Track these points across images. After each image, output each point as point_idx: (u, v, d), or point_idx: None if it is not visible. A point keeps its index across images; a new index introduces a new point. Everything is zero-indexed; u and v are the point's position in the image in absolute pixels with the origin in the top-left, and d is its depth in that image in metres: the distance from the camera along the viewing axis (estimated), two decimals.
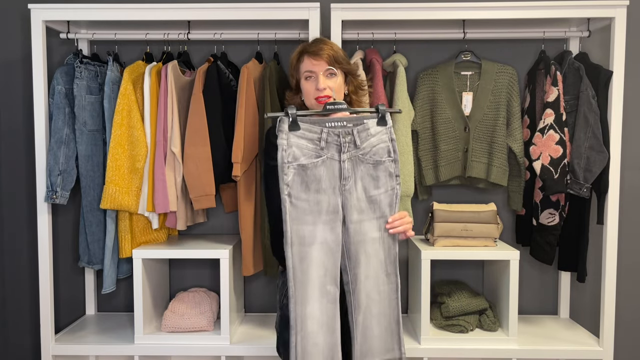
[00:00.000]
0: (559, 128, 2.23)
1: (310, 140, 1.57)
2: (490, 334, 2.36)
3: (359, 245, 1.62)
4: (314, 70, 1.75)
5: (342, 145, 1.58)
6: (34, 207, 2.53)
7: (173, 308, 2.37)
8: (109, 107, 2.32)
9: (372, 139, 1.61)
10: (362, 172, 1.61)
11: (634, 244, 2.64)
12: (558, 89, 2.24)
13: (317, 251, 1.58)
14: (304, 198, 1.57)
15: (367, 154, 1.61)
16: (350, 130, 1.59)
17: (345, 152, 1.59)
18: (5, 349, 2.76)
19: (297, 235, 1.57)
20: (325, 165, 1.58)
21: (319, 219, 1.58)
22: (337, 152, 1.58)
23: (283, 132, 1.54)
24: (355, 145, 1.60)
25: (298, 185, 1.56)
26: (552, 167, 2.23)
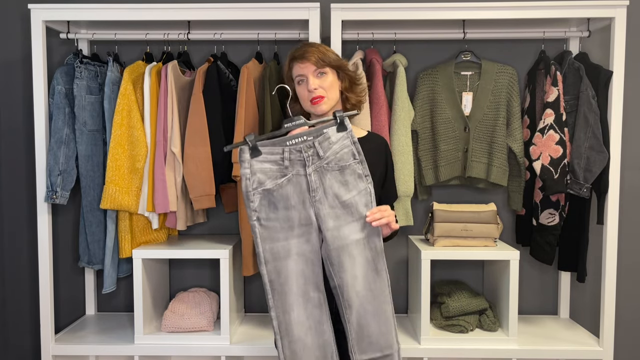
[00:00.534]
0: (559, 128, 2.23)
1: (273, 162, 1.59)
2: (490, 334, 2.36)
3: (341, 250, 1.63)
4: (303, 74, 1.79)
5: (306, 160, 1.60)
6: (34, 207, 2.53)
7: (173, 308, 2.37)
8: (109, 107, 2.32)
9: (334, 147, 1.62)
10: (329, 181, 1.62)
11: (634, 244, 2.65)
12: (558, 89, 2.24)
13: (294, 263, 1.61)
14: (273, 218, 1.60)
15: (331, 162, 1.62)
16: (312, 143, 1.60)
17: (310, 166, 1.60)
18: (5, 349, 2.76)
19: (271, 253, 1.60)
20: (292, 183, 1.60)
21: (291, 233, 1.61)
22: (302, 167, 1.60)
23: (245, 161, 1.57)
24: (319, 156, 1.61)
25: (266, 208, 1.60)
26: (552, 167, 2.23)
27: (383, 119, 2.30)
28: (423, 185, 2.53)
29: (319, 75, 1.78)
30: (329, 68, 1.80)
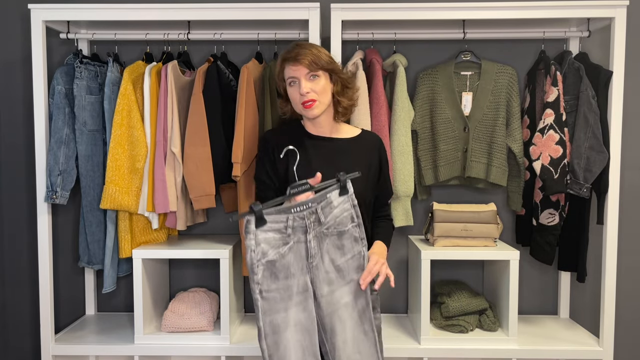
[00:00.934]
0: (559, 128, 2.23)
1: (277, 231, 1.54)
2: (490, 334, 2.36)
3: (333, 315, 1.62)
4: (295, 76, 1.74)
5: (308, 227, 1.57)
6: (34, 207, 2.53)
7: (173, 308, 2.37)
8: (109, 107, 2.32)
9: (335, 211, 1.61)
10: (327, 246, 1.61)
11: (634, 244, 2.65)
12: (558, 89, 2.24)
13: (292, 334, 1.57)
14: (273, 288, 1.56)
15: (331, 227, 1.61)
16: (315, 209, 1.57)
17: (311, 232, 1.57)
18: (6, 349, 2.76)
19: (271, 326, 1.56)
20: (293, 250, 1.56)
21: (290, 302, 1.57)
22: (303, 234, 1.57)
23: (250, 232, 1.51)
24: (320, 222, 1.58)
25: (268, 280, 1.55)
26: (552, 167, 2.23)
27: (383, 119, 2.30)
28: (423, 185, 2.53)
29: (311, 79, 1.74)
30: (322, 71, 1.75)
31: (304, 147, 1.77)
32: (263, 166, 1.82)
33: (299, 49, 1.75)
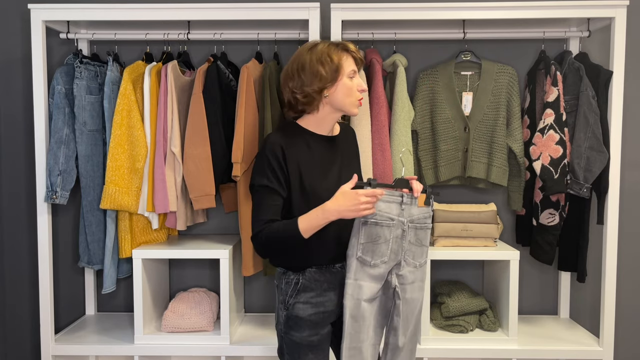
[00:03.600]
0: (559, 128, 2.23)
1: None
2: (490, 334, 2.36)
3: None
4: (355, 70, 1.73)
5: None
6: (34, 207, 2.53)
7: (173, 308, 2.37)
8: (109, 107, 2.32)
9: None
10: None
11: (634, 244, 2.64)
12: (558, 89, 2.24)
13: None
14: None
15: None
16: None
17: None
18: (5, 349, 2.76)
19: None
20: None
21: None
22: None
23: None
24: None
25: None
26: (552, 167, 2.23)
27: (383, 119, 2.30)
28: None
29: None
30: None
31: (312, 148, 1.74)
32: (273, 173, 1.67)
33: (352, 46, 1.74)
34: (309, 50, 1.70)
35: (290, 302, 1.73)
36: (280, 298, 1.77)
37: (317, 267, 1.73)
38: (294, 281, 1.73)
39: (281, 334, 1.77)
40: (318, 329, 1.73)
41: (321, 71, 1.66)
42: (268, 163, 1.67)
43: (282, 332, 1.76)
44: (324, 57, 1.67)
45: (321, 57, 1.67)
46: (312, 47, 1.70)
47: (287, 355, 1.77)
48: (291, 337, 1.73)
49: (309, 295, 1.72)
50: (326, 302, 1.74)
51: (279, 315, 1.78)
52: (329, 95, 1.70)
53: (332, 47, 1.70)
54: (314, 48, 1.70)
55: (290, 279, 1.73)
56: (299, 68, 1.69)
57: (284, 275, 1.76)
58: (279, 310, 1.78)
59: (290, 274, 1.74)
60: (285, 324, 1.75)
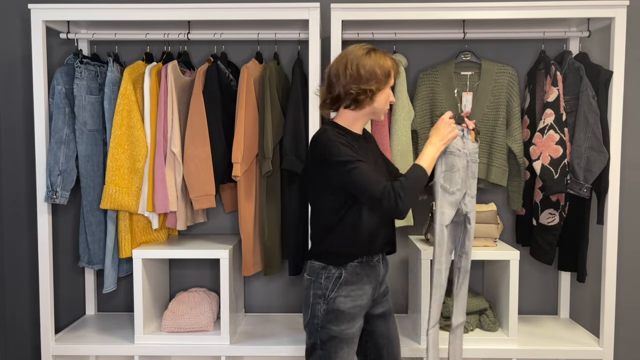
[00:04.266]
0: (559, 128, 2.23)
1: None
2: (490, 334, 2.36)
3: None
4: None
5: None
6: (34, 207, 2.53)
7: (173, 308, 2.37)
8: (109, 107, 2.32)
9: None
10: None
11: (634, 244, 2.64)
12: (558, 89, 2.24)
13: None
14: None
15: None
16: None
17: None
18: (5, 349, 2.76)
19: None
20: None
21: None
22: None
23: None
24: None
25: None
26: (552, 167, 2.23)
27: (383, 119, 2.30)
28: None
29: None
30: None
31: (357, 144, 1.81)
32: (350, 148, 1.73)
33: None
34: (366, 53, 1.81)
35: (332, 296, 1.77)
36: (318, 292, 1.79)
37: (358, 261, 1.80)
38: (335, 275, 1.78)
39: (316, 328, 1.79)
40: (354, 321, 1.79)
41: (378, 74, 1.79)
42: (340, 144, 1.73)
43: (318, 326, 1.79)
44: (381, 63, 1.80)
45: (379, 62, 1.80)
46: (369, 52, 1.82)
47: (320, 350, 1.79)
48: (328, 331, 1.77)
49: (349, 289, 1.78)
50: (363, 295, 1.80)
51: (316, 310, 1.79)
52: (375, 98, 1.81)
53: (387, 57, 1.83)
54: (371, 53, 1.82)
55: (331, 274, 1.78)
56: (358, 66, 1.78)
57: (324, 270, 1.80)
58: (314, 305, 1.79)
59: (331, 268, 1.79)
60: (324, 317, 1.78)
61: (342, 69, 1.80)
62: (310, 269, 1.83)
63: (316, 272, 1.81)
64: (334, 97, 1.83)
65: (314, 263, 1.82)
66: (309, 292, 1.82)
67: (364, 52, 1.80)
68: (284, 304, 2.73)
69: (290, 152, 2.28)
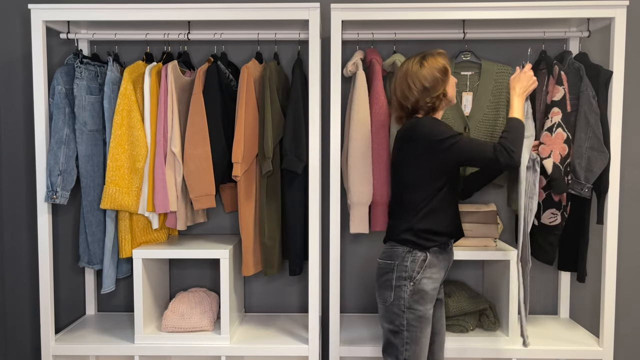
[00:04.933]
0: (566, 126, 2.22)
1: None
2: (490, 334, 2.36)
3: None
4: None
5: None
6: (34, 207, 2.53)
7: (173, 308, 2.37)
8: (109, 107, 2.32)
9: None
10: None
11: (634, 244, 2.65)
12: (564, 88, 2.23)
13: None
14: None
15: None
16: None
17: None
18: (5, 349, 2.76)
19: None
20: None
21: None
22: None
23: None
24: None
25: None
26: (562, 166, 2.23)
27: (383, 119, 2.30)
28: None
29: None
30: None
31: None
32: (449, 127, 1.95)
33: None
34: (420, 66, 1.96)
35: (418, 278, 1.91)
36: (403, 275, 1.92)
37: (438, 244, 1.96)
38: (421, 258, 1.93)
39: (402, 309, 1.91)
40: (434, 302, 1.96)
41: (439, 77, 1.95)
42: (439, 124, 1.93)
43: (404, 307, 1.90)
44: (436, 65, 1.95)
45: (434, 66, 1.95)
46: (421, 62, 1.96)
47: (406, 332, 1.90)
48: (415, 312, 1.90)
49: (432, 271, 1.94)
50: (439, 278, 1.97)
51: (402, 292, 1.91)
52: (447, 91, 1.99)
53: (436, 56, 1.97)
54: (423, 62, 1.96)
55: (417, 257, 1.92)
56: (421, 81, 1.94)
57: (409, 254, 1.93)
58: (398, 288, 1.92)
59: (417, 252, 1.93)
60: (410, 298, 1.90)
61: (407, 89, 1.97)
62: (391, 254, 1.96)
63: (400, 256, 1.94)
64: (409, 113, 2.02)
65: (397, 248, 1.95)
66: (391, 275, 1.92)
67: (419, 66, 1.96)
68: (284, 304, 2.73)
69: (290, 152, 2.28)
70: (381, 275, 1.97)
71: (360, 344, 2.32)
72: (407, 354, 1.90)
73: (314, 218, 2.24)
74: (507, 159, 1.88)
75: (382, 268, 1.97)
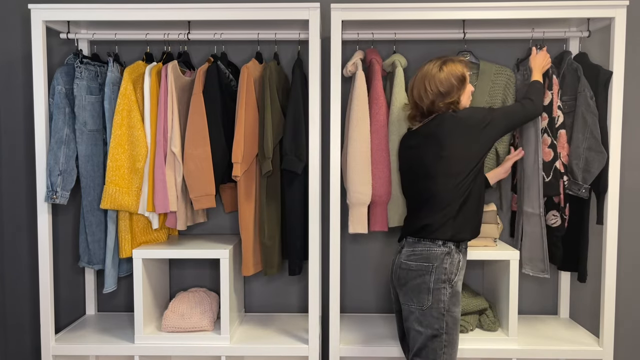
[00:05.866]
0: (551, 131, 2.23)
1: None
2: (490, 334, 2.36)
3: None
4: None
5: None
6: (34, 207, 2.53)
7: (173, 308, 2.37)
8: (109, 107, 2.32)
9: None
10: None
11: (634, 244, 2.65)
12: (552, 93, 2.24)
13: None
14: None
15: None
16: None
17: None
18: (5, 349, 2.76)
19: None
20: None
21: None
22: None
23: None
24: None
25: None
26: (544, 171, 2.24)
27: (382, 119, 2.30)
28: None
29: None
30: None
31: None
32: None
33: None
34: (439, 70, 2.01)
35: (455, 280, 1.93)
36: (442, 277, 1.92)
37: (465, 246, 2.02)
38: (457, 260, 1.95)
39: (442, 312, 1.90)
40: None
41: (455, 84, 2.01)
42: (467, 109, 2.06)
43: (444, 310, 1.90)
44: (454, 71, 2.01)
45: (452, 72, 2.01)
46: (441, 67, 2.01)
47: (445, 335, 1.89)
48: (452, 314, 1.91)
49: (463, 272, 1.99)
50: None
51: (441, 295, 1.90)
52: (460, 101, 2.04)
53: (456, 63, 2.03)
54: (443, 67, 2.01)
55: (454, 259, 1.94)
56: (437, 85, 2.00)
57: (448, 256, 1.94)
58: (437, 290, 1.91)
59: (454, 253, 1.95)
60: (449, 301, 1.90)
61: (423, 90, 2.01)
62: (428, 256, 1.94)
63: (439, 258, 1.93)
64: (424, 113, 2.05)
65: (434, 250, 1.94)
66: (429, 277, 1.91)
67: (438, 69, 2.00)
68: (284, 304, 2.73)
69: (290, 152, 2.28)
70: (414, 277, 1.93)
71: (360, 344, 2.32)
72: (445, 357, 1.89)
73: (313, 218, 2.24)
74: (539, 110, 2.12)
75: (414, 270, 1.93)
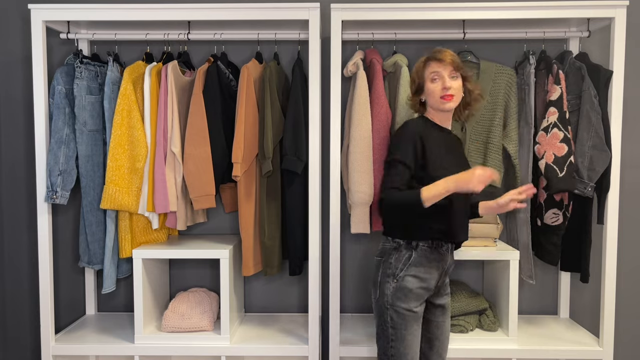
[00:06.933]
0: (562, 126, 2.22)
1: None
2: (490, 334, 2.36)
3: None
4: (439, 71, 1.92)
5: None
6: (34, 207, 2.53)
7: (173, 308, 2.37)
8: (109, 107, 2.32)
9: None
10: None
11: (634, 244, 2.64)
12: (561, 87, 2.23)
13: None
14: None
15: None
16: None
17: None
18: (5, 349, 2.76)
19: None
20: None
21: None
22: None
23: None
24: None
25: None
26: (557, 166, 2.22)
27: (383, 119, 2.30)
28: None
29: (452, 78, 1.93)
30: (460, 75, 1.96)
31: (433, 136, 1.93)
32: (407, 150, 1.87)
33: (445, 52, 1.95)
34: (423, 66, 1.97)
35: (401, 275, 1.90)
36: (387, 272, 1.92)
37: (428, 245, 1.91)
38: (405, 256, 1.92)
39: (386, 305, 1.91)
40: (420, 301, 1.92)
41: (412, 81, 2.01)
42: (403, 142, 1.89)
43: (387, 304, 1.91)
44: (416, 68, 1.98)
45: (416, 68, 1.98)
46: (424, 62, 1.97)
47: (391, 329, 1.90)
48: (397, 309, 1.89)
49: (418, 270, 1.91)
50: (430, 279, 1.92)
51: (385, 288, 1.91)
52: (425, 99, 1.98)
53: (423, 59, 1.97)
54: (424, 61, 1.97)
55: (401, 254, 1.91)
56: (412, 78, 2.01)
57: (395, 251, 1.93)
58: (383, 284, 1.92)
59: (403, 249, 1.92)
60: (393, 295, 1.90)
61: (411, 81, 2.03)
62: (381, 250, 1.98)
63: (387, 252, 1.95)
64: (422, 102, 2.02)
65: (386, 244, 1.96)
66: (377, 271, 1.96)
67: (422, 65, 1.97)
68: (284, 304, 2.73)
69: (290, 152, 2.28)
70: (373, 271, 2.01)
71: (360, 344, 2.32)
72: (392, 350, 1.91)
73: (314, 218, 2.24)
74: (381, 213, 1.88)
75: (374, 264, 2.01)
